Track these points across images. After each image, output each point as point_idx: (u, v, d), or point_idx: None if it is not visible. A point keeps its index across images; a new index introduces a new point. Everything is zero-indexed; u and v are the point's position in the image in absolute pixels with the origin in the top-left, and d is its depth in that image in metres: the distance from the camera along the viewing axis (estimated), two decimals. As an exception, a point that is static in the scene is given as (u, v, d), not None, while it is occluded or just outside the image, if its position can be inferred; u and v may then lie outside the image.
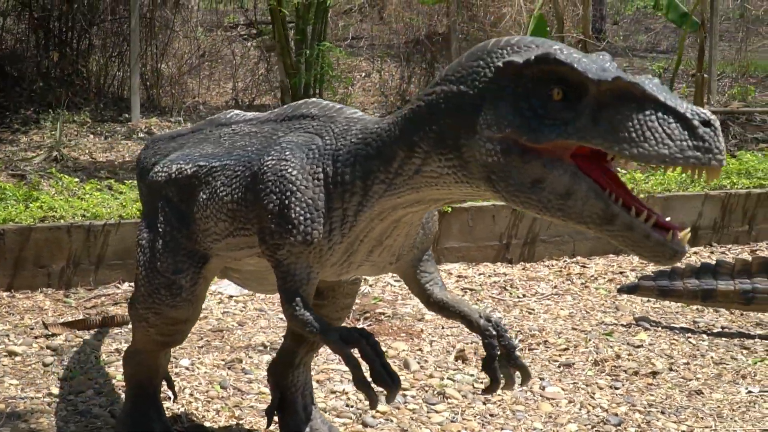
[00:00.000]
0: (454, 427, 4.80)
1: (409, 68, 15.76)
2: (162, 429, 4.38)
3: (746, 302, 6.41)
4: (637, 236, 2.64)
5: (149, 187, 4.15)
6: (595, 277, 7.73)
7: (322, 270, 3.49)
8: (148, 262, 3.99)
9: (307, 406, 4.45)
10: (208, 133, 4.11)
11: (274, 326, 6.26)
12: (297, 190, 3.37)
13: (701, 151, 2.51)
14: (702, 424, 4.95)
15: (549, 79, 2.72)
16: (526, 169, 2.75)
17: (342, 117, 3.53)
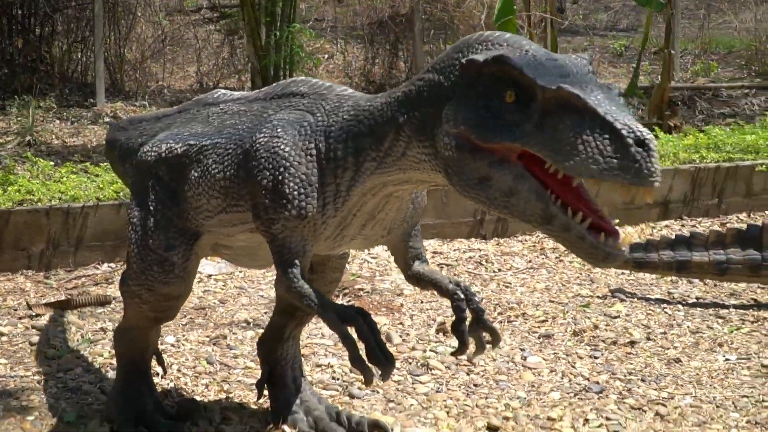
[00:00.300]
0: (440, 397, 4.88)
1: (373, 49, 15.82)
2: (154, 404, 4.43)
3: (720, 273, 6.53)
4: (573, 237, 2.71)
5: (138, 166, 4.19)
6: (567, 251, 7.83)
7: (316, 244, 3.56)
8: (140, 240, 4.03)
9: (296, 379, 4.52)
10: (195, 113, 4.16)
11: (255, 303, 6.34)
12: (290, 166, 3.43)
13: (630, 171, 2.53)
14: (682, 390, 5.05)
15: (504, 81, 2.79)
16: (475, 166, 2.85)
17: (333, 94, 3.59)
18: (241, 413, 4.59)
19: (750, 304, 6.52)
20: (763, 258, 6.44)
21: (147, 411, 4.37)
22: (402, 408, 4.76)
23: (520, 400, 4.87)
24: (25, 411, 4.59)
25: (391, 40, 15.60)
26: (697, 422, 4.68)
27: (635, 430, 4.58)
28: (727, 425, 4.65)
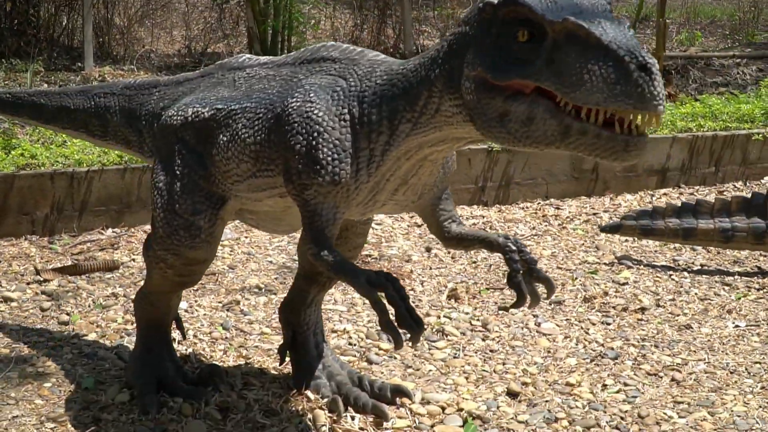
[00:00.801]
0: (458, 362, 4.91)
1: (361, 15, 15.76)
2: (175, 369, 4.44)
3: (725, 240, 6.59)
4: (591, 138, 2.71)
5: (162, 130, 4.16)
6: (570, 218, 7.89)
7: (348, 209, 3.56)
8: (166, 204, 4.02)
9: (318, 344, 4.54)
10: (220, 77, 4.14)
11: (265, 269, 6.34)
12: (324, 131, 3.42)
13: (634, 96, 2.57)
14: (696, 357, 5.11)
15: (517, 21, 2.82)
16: (494, 104, 2.89)
17: (365, 60, 3.59)
18: (262, 379, 4.60)
19: (754, 272, 6.58)
20: (767, 226, 6.50)
21: (168, 376, 4.38)
22: (421, 374, 4.79)
23: (538, 366, 4.92)
24: (41, 377, 4.58)
25: (380, 5, 15.52)
26: (712, 388, 4.74)
27: (653, 396, 4.63)
28: (742, 391, 4.70)
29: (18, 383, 4.51)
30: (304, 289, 4.46)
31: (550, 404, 4.49)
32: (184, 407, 4.22)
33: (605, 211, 8.14)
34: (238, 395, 4.39)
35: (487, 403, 4.46)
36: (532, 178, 8.35)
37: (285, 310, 4.53)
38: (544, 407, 4.46)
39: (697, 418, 4.40)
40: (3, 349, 4.91)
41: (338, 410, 4.26)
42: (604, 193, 8.65)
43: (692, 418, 4.41)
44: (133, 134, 4.53)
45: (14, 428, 4.07)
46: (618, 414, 4.43)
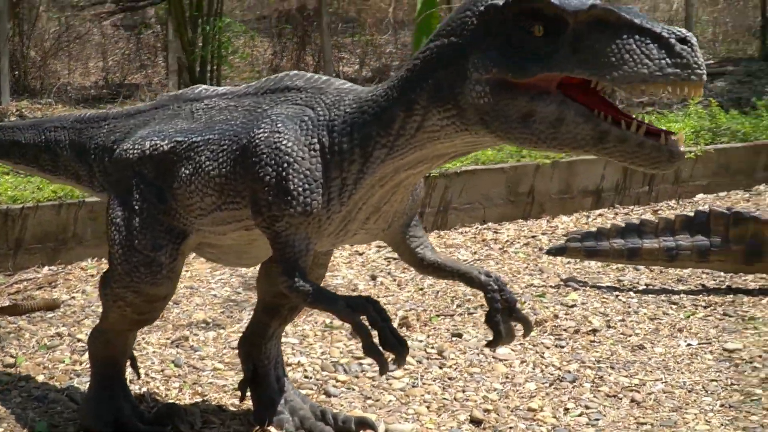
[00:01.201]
0: (417, 392, 4.88)
1: (281, 43, 15.75)
2: (131, 408, 4.35)
3: (670, 259, 6.66)
4: (631, 146, 2.71)
5: (117, 164, 4.08)
6: (510, 242, 7.91)
7: (320, 240, 3.53)
8: (125, 240, 3.94)
9: (280, 378, 4.48)
10: (176, 109, 4.07)
11: (210, 303, 6.27)
12: (294, 161, 3.38)
13: (680, 67, 2.60)
14: (652, 377, 5.13)
15: (529, 17, 2.81)
16: (515, 105, 2.85)
17: (332, 88, 3.56)
18: (222, 416, 4.53)
19: (699, 290, 6.65)
20: (711, 244, 6.58)
21: (125, 416, 4.29)
22: (381, 404, 4.75)
23: (498, 392, 4.90)
24: (-10, 423, 4.49)
25: (299, 33, 15.52)
26: (673, 407, 4.76)
27: (615, 418, 4.64)
28: (703, 409, 4.73)
29: (-33, 430, 4.40)
30: (265, 322, 4.41)
31: (515, 430, 4.48)
32: (144, 449, 4.15)
33: (543, 233, 8.18)
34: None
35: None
36: (469, 203, 8.37)
37: (245, 345, 4.47)
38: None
39: (662, 439, 4.43)
40: (-53, 396, 4.79)
41: (304, 446, 4.22)
42: (541, 215, 8.69)
43: (657, 439, 4.44)
44: (83, 169, 4.45)
45: (-32, 478, 3.97)
46: (583, 438, 4.44)
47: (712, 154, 9.51)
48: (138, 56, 15.91)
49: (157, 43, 16.31)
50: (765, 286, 6.68)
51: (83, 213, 6.97)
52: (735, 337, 5.71)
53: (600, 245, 6.73)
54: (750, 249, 6.54)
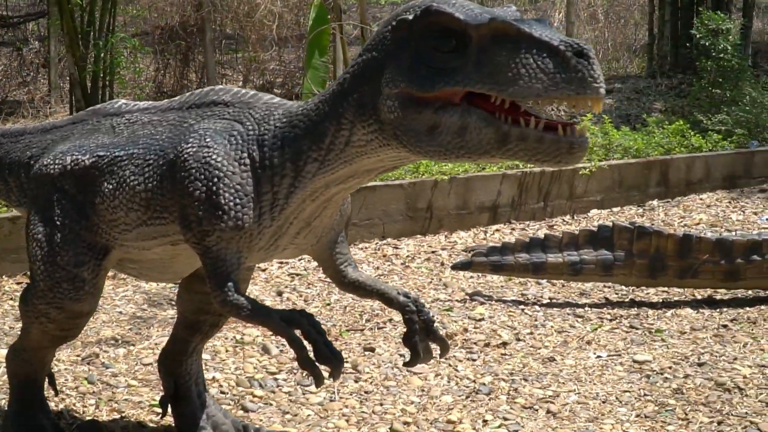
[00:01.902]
0: (335, 405, 4.91)
1: (164, 60, 15.65)
2: (52, 425, 4.29)
3: (574, 273, 6.80)
4: (532, 143, 2.74)
5: (37, 179, 4.03)
6: (411, 257, 7.99)
7: (250, 255, 3.54)
8: (47, 256, 3.89)
9: (201, 394, 4.47)
10: (96, 124, 4.04)
11: (117, 320, 6.21)
12: (224, 176, 3.39)
13: (575, 82, 2.64)
14: (566, 388, 5.24)
15: (437, 32, 2.86)
16: (421, 118, 2.89)
17: (260, 103, 3.57)
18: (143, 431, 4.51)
19: (603, 303, 6.80)
20: (614, 258, 6.74)
21: None
22: (300, 419, 4.77)
23: (415, 405, 4.96)
24: None
25: (182, 50, 15.44)
26: (588, 418, 4.87)
27: (533, 429, 4.73)
28: (619, 420, 4.85)
29: None
30: (186, 338, 4.39)
31: (436, 443, 4.56)
32: (65, 466, 4.12)
33: (443, 248, 8.27)
34: (120, 450, 4.31)
35: (374, 445, 4.50)
36: (368, 219, 8.43)
37: (165, 361, 4.45)
38: (430, 446, 4.52)
39: (581, 449, 4.54)
40: None
41: (229, 460, 4.23)
42: (439, 231, 8.79)
43: (577, 448, 4.54)
44: (0, 183, 4.40)
45: None
46: (504, 449, 4.53)
47: (605, 170, 9.74)
48: (19, 73, 15.66)
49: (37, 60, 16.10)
50: (668, 299, 6.87)
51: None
52: (643, 349, 5.85)
53: (505, 260, 6.84)
54: (653, 263, 6.72)
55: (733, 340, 6.03)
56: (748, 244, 6.65)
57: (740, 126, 11.57)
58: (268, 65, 16.07)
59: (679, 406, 5.01)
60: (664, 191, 10.24)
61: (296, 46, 16.05)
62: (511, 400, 5.08)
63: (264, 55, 15.92)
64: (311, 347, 3.32)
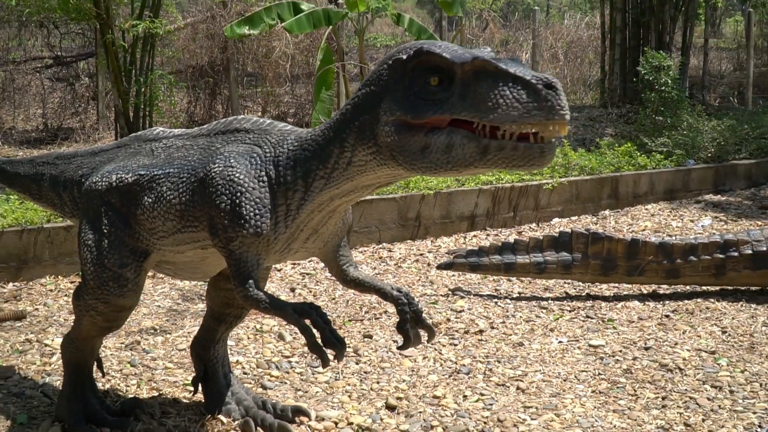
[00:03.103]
0: (339, 384, 4.92)
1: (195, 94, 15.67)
2: (99, 403, 4.30)
3: (539, 272, 6.81)
4: (509, 151, 2.76)
5: (87, 194, 4.04)
6: (402, 259, 7.99)
7: (268, 256, 3.55)
8: (96, 259, 3.90)
9: (226, 375, 4.48)
10: (137, 148, 4.05)
11: (155, 313, 6.20)
12: (246, 191, 3.41)
13: (545, 109, 2.68)
14: (532, 368, 5.25)
15: (427, 69, 2.89)
16: (415, 140, 2.92)
17: (275, 130, 3.58)
18: (177, 407, 4.50)
19: (563, 297, 6.81)
20: (573, 259, 6.75)
21: (95, 410, 4.25)
22: (310, 395, 4.77)
23: (406, 383, 4.96)
24: (-24, 416, 4.39)
25: (210, 85, 15.47)
26: (552, 393, 4.88)
27: (506, 403, 4.73)
28: (577, 395, 4.86)
29: (-46, 424, 4.30)
30: (213, 328, 4.41)
31: (424, 414, 4.54)
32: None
33: (429, 251, 8.28)
34: (159, 422, 4.29)
35: (372, 417, 4.48)
36: (367, 227, 8.44)
37: (196, 347, 4.47)
38: (419, 417, 4.51)
39: (546, 420, 4.52)
40: (-67, 395, 4.67)
41: (250, 430, 4.22)
42: (426, 237, 8.79)
43: (542, 419, 4.53)
44: (57, 197, 4.43)
45: (-40, 464, 3.89)
46: (481, 419, 4.52)
47: (565, 185, 9.76)
48: (72, 104, 15.68)
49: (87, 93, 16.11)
50: (619, 293, 6.88)
51: (41, 237, 6.84)
52: (598, 336, 5.86)
53: (481, 260, 6.85)
54: (606, 263, 6.73)
55: (674, 327, 6.04)
56: (686, 247, 6.66)
57: (679, 147, 11.59)
58: (283, 98, 16.09)
59: (628, 384, 5.03)
60: (614, 203, 10.25)
61: (306, 82, 16.07)
62: (487, 378, 5.08)
63: (279, 90, 15.94)
64: (319, 334, 3.34)
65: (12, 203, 7.26)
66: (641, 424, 4.49)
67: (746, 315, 6.31)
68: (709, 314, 6.34)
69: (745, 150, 12.17)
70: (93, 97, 15.58)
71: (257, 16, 10.99)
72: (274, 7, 11.12)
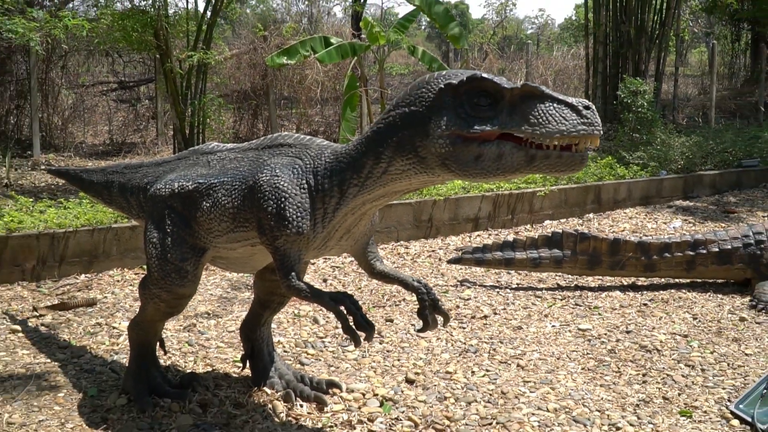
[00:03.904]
0: (366, 361, 4.90)
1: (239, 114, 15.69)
2: (161, 377, 4.30)
3: (535, 266, 6.78)
4: (554, 159, 2.83)
5: (153, 199, 4.04)
6: (417, 255, 7.96)
7: (307, 252, 3.55)
8: (160, 254, 3.90)
9: (270, 353, 4.48)
10: (195, 159, 4.05)
11: (208, 300, 6.19)
12: (289, 197, 3.41)
13: (586, 125, 2.77)
14: (530, 348, 5.23)
15: (476, 92, 2.91)
16: (469, 150, 2.92)
17: (314, 145, 3.57)
18: (228, 380, 4.49)
19: (555, 287, 6.77)
20: (563, 255, 6.72)
21: (157, 383, 4.25)
22: (341, 370, 4.76)
23: (423, 360, 4.95)
24: (55, 389, 4.37)
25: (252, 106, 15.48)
26: (548, 370, 4.85)
27: (508, 378, 4.71)
28: (569, 371, 4.84)
29: (38, 395, 4.29)
30: (259, 313, 4.41)
31: (438, 387, 4.53)
32: (173, 406, 4.11)
33: (440, 248, 8.24)
34: (213, 394, 4.29)
35: (394, 389, 4.47)
36: (387, 227, 8.42)
37: (244, 329, 4.46)
38: (434, 390, 4.49)
39: (543, 392, 4.50)
40: (20, 369, 4.67)
41: (291, 401, 4.21)
42: (437, 236, 8.77)
43: (540, 392, 4.51)
44: (125, 201, 4.43)
45: (42, 430, 3.88)
46: (487, 392, 4.50)
47: (555, 192, 9.71)
48: (134, 122, 15.71)
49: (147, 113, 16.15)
50: (603, 284, 6.84)
51: (110, 236, 6.86)
52: (585, 321, 5.83)
53: (485, 256, 6.83)
54: (592, 259, 6.70)
55: (651, 314, 6.00)
56: (661, 245, 6.63)
57: (653, 160, 11.52)
58: (314, 118, 16.10)
59: (613, 362, 5.00)
60: (597, 207, 10.20)
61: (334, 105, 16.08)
62: (491, 357, 5.06)
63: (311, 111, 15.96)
64: (352, 319, 3.33)
65: (84, 206, 7.27)
66: (624, 397, 4.47)
67: (714, 304, 6.27)
68: (682, 303, 6.30)
69: (710, 162, 12.12)
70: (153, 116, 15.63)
71: (294, 49, 11.01)
72: (308, 40, 11.13)
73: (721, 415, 4.25)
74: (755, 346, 5.32)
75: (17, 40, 8.64)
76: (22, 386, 4.40)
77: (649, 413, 4.26)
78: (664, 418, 4.21)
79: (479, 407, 4.27)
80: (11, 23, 8.40)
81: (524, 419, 4.14)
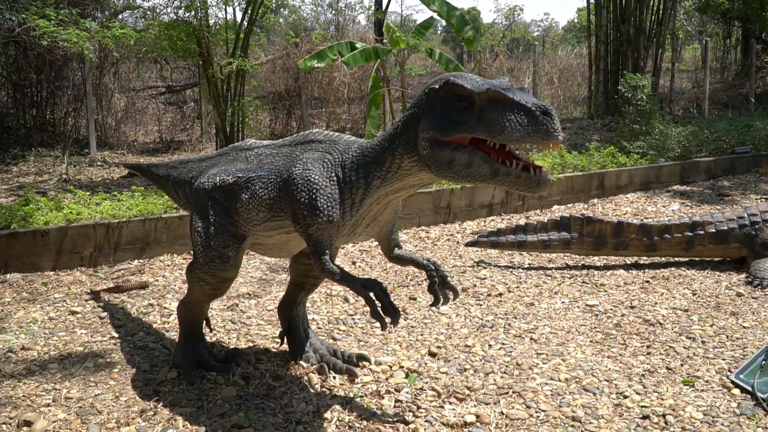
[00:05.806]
0: (392, 336, 4.85)
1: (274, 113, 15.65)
2: (207, 352, 4.28)
3: (545, 248, 6.70)
4: (514, 178, 2.77)
5: (197, 192, 4.01)
6: (437, 239, 7.90)
7: (337, 238, 3.51)
8: (204, 242, 3.88)
9: (306, 330, 4.44)
10: (235, 155, 4.02)
11: (249, 282, 6.17)
12: (320, 188, 3.37)
13: (541, 132, 2.64)
14: (542, 323, 5.16)
15: (453, 96, 2.85)
16: (443, 154, 2.89)
17: (342, 141, 3.54)
18: (268, 355, 4.47)
19: (563, 267, 6.69)
20: (571, 237, 6.64)
21: (204, 358, 4.23)
22: (369, 345, 4.72)
23: (444, 335, 4.89)
24: (110, 365, 4.37)
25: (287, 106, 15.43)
26: (558, 343, 4.79)
27: (522, 350, 4.65)
28: (579, 344, 4.77)
29: (94, 371, 4.29)
30: (295, 293, 4.37)
31: (459, 360, 4.47)
32: (218, 378, 4.09)
33: (458, 233, 8.18)
34: (254, 367, 4.26)
35: (418, 362, 4.42)
36: (408, 214, 8.36)
37: (282, 308, 4.43)
38: (455, 362, 4.44)
39: (554, 364, 4.44)
40: (78, 348, 4.66)
41: (324, 373, 4.18)
42: (455, 221, 8.70)
43: (551, 363, 4.44)
44: (175, 193, 4.41)
45: (98, 403, 3.86)
46: (504, 363, 4.44)
47: (562, 180, 9.60)
48: (181, 122, 15.71)
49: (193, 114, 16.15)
50: (608, 263, 6.75)
51: (160, 224, 6.85)
52: (592, 297, 5.75)
53: (499, 239, 6.76)
54: (597, 240, 6.62)
55: (654, 290, 5.91)
56: (661, 227, 6.53)
57: (652, 149, 11.37)
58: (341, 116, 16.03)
59: (619, 335, 4.92)
60: (601, 193, 10.08)
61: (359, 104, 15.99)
62: (506, 331, 5.00)
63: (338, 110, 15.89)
64: (379, 304, 3.28)
65: (136, 198, 7.27)
66: (630, 368, 4.40)
67: (711, 280, 6.17)
68: (682, 280, 6.21)
69: (705, 150, 11.94)
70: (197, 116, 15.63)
71: (323, 53, 10.94)
72: (335, 45, 11.06)
73: (722, 385, 4.17)
74: (752, 319, 5.22)
75: (72, 48, 8.63)
76: (80, 363, 4.39)
77: (654, 382, 4.19)
78: (668, 387, 4.14)
79: (496, 378, 4.21)
80: (66, 33, 8.39)
81: (538, 388, 4.08)
